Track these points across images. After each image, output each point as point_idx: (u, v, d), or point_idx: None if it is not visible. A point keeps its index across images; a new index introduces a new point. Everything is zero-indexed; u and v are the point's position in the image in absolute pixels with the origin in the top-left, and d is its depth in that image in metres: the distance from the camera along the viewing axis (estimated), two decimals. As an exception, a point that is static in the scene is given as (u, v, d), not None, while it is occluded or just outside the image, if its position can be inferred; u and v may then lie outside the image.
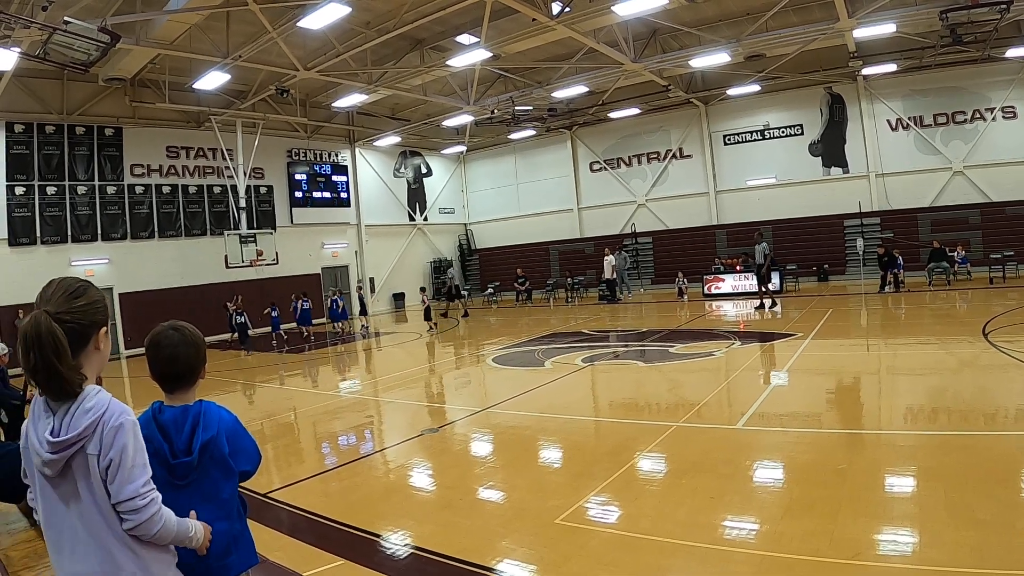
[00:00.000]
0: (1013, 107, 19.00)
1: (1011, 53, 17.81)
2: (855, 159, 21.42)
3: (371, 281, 25.65)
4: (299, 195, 23.48)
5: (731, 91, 21.91)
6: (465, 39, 17.24)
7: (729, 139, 23.64)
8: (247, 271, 19.55)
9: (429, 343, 15.85)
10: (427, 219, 28.67)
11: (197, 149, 20.45)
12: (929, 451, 5.06)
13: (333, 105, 21.40)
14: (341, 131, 24.99)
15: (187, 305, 17.20)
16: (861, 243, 19.40)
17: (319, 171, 24.32)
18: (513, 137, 26.61)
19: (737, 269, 20.04)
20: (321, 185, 24.36)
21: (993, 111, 19.26)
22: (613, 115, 24.48)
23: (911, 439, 5.41)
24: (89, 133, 17.81)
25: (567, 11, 14.22)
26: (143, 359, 2.04)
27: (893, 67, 19.18)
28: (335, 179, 24.92)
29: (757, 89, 21.53)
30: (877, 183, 21.01)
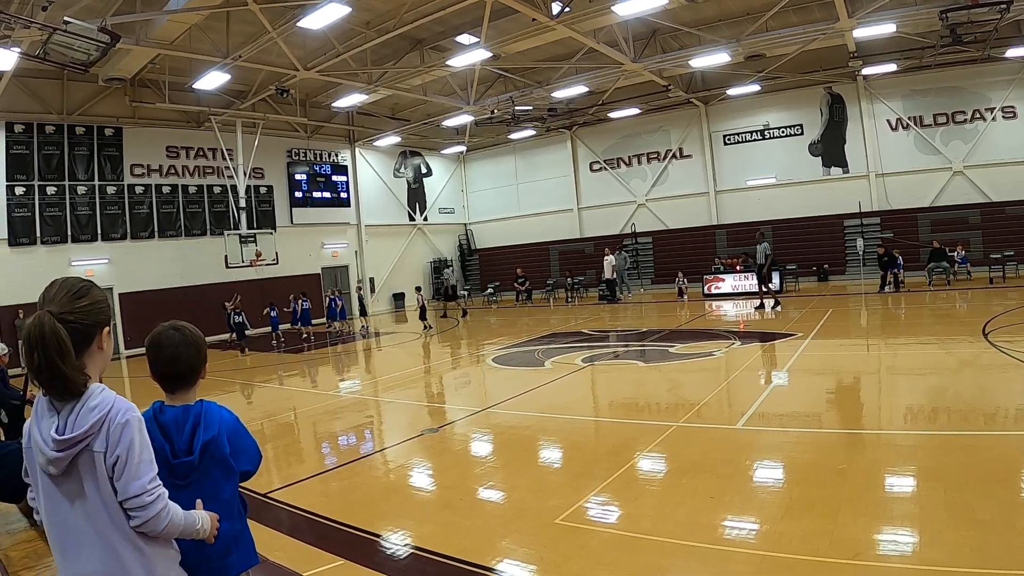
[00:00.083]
0: (1013, 107, 19.00)
1: (1011, 53, 17.81)
2: (855, 159, 21.42)
3: (371, 281, 25.65)
4: (299, 195, 23.49)
5: (731, 91, 21.91)
6: (465, 39, 17.25)
7: (729, 139, 23.64)
8: (247, 271, 19.56)
9: (425, 344, 15.85)
10: (427, 219, 28.67)
11: (197, 149, 20.45)
12: (929, 451, 5.07)
13: (333, 105, 21.40)
14: (341, 131, 24.99)
15: (187, 305, 17.21)
16: (861, 243, 19.40)
17: (319, 171, 24.33)
18: (513, 137, 26.61)
19: (737, 269, 20.03)
20: (321, 185, 24.36)
21: (993, 111, 19.26)
22: (613, 115, 24.48)
23: (911, 439, 5.41)
24: (89, 133, 17.81)
25: (567, 11, 14.22)
26: (143, 359, 2.04)
27: (893, 67, 19.18)
28: (335, 179, 24.92)
29: (757, 89, 21.53)
30: (877, 183, 21.01)
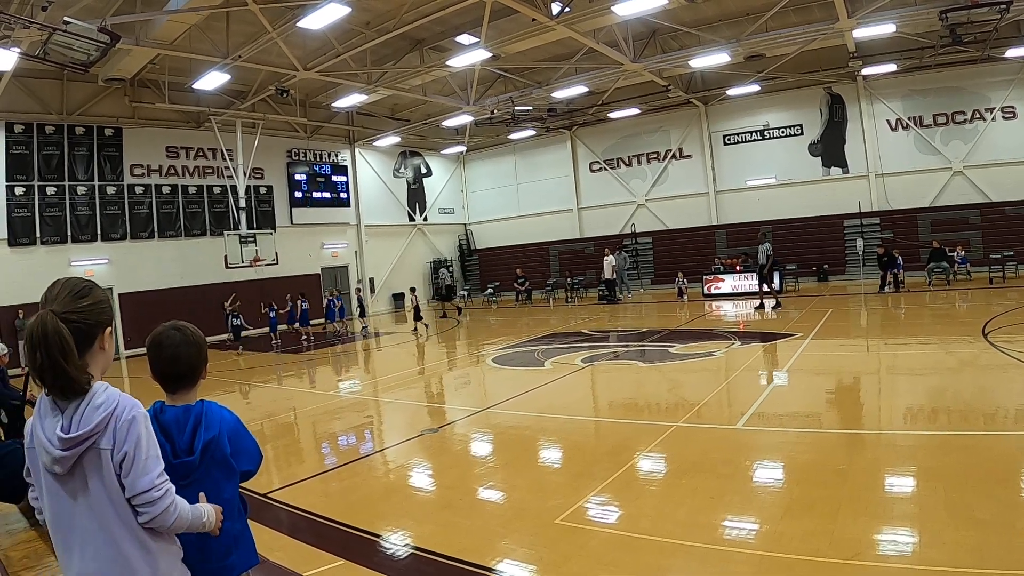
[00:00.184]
0: (1013, 107, 19.01)
1: (1011, 53, 17.82)
2: (855, 159, 21.43)
3: (371, 281, 25.66)
4: (299, 195, 23.48)
5: (731, 91, 21.91)
6: (465, 39, 17.25)
7: (729, 139, 23.64)
8: (247, 271, 19.55)
9: (425, 344, 15.85)
10: (427, 219, 28.67)
11: (197, 149, 20.45)
12: (929, 451, 5.07)
13: (333, 105, 21.39)
14: (341, 131, 24.99)
15: (187, 305, 17.19)
16: (861, 243, 19.41)
17: (319, 171, 24.32)
18: (513, 137, 26.61)
19: (737, 269, 20.04)
20: (321, 185, 24.35)
21: (993, 111, 19.26)
22: (613, 115, 24.48)
23: (911, 439, 5.41)
24: (89, 133, 17.80)
25: (567, 11, 14.22)
26: (143, 359, 2.04)
27: (893, 67, 19.18)
28: (335, 179, 24.92)
29: (757, 89, 21.52)
30: (877, 183, 21.01)
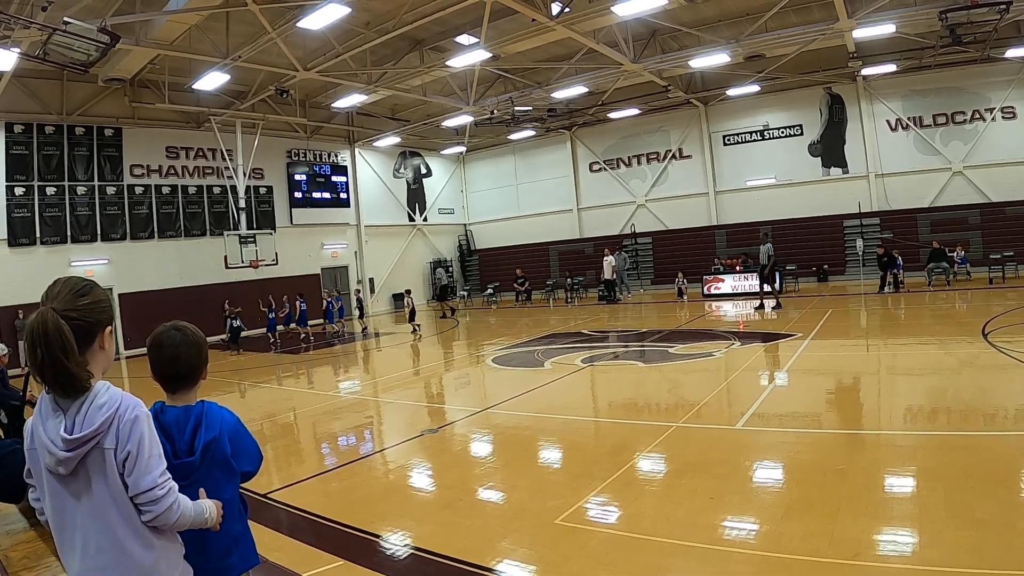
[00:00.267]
0: (1013, 107, 19.00)
1: (1011, 53, 17.81)
2: (855, 159, 21.43)
3: (371, 282, 25.66)
4: (299, 195, 23.48)
5: (731, 91, 21.91)
6: (465, 39, 17.25)
7: (729, 139, 23.64)
8: (247, 271, 19.55)
9: (426, 344, 15.85)
10: (427, 219, 28.67)
11: (197, 149, 20.45)
12: (929, 451, 5.07)
13: (333, 105, 21.39)
14: (341, 131, 24.99)
15: (187, 305, 17.21)
16: (861, 243, 19.41)
17: (319, 171, 24.32)
18: (513, 137, 26.60)
19: (737, 269, 20.04)
20: (321, 185, 24.34)
21: (993, 111, 19.26)
22: (613, 115, 24.47)
23: (911, 439, 5.41)
24: (89, 133, 17.80)
25: (567, 11, 14.23)
26: (143, 359, 2.04)
27: (893, 67, 19.18)
28: (335, 179, 24.91)
29: (757, 89, 21.53)
30: (877, 183, 21.02)
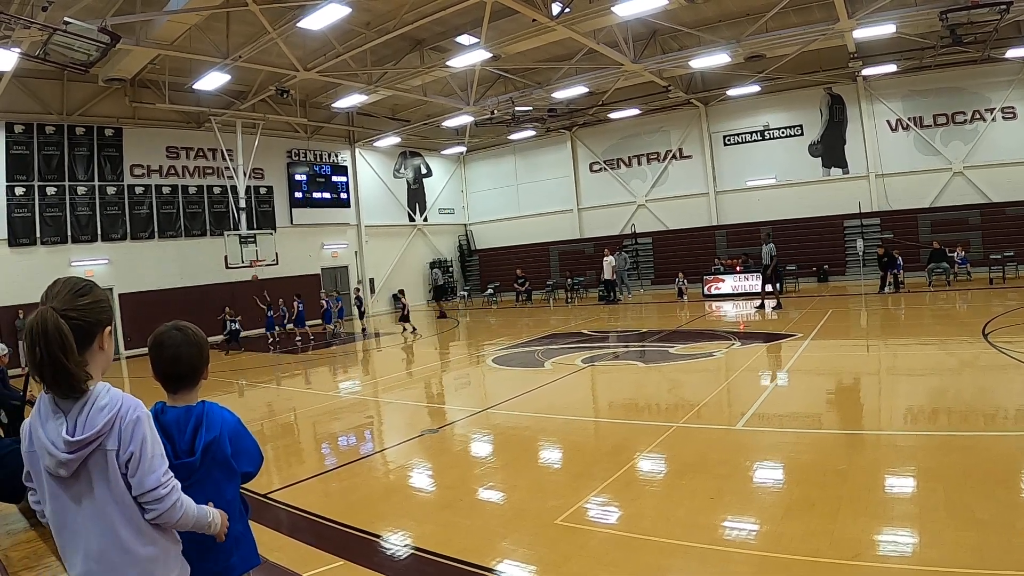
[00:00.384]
0: (1013, 107, 19.00)
1: (1011, 54, 17.81)
2: (855, 160, 21.42)
3: (371, 282, 25.66)
4: (299, 195, 23.49)
5: (731, 92, 21.91)
6: (465, 40, 17.26)
7: (729, 139, 23.64)
8: (247, 271, 19.55)
9: (426, 345, 15.85)
10: (427, 219, 28.68)
11: (197, 150, 20.45)
12: (929, 451, 5.07)
13: (333, 106, 21.40)
14: (341, 131, 25.00)
15: (188, 306, 17.20)
16: (861, 244, 19.41)
17: (319, 171, 24.33)
18: (513, 138, 26.61)
19: (737, 270, 20.04)
20: (321, 186, 24.36)
21: (993, 111, 19.26)
22: (613, 116, 24.48)
23: (911, 439, 5.41)
24: (89, 133, 17.81)
25: (567, 12, 14.23)
26: (144, 359, 2.05)
27: (893, 68, 19.18)
28: (335, 179, 24.93)
29: (757, 90, 21.53)
30: (877, 183, 21.01)
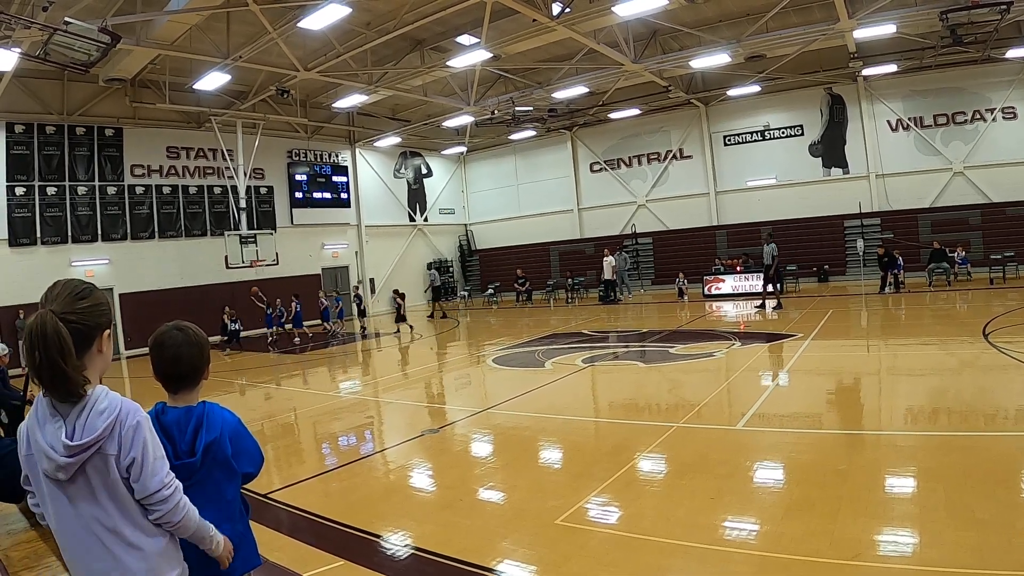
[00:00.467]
0: (1013, 108, 18.99)
1: (1011, 54, 17.80)
2: (855, 160, 21.42)
3: (371, 282, 25.66)
4: (299, 195, 23.49)
5: (731, 92, 21.91)
6: (465, 40, 17.26)
7: (729, 140, 23.63)
8: (247, 272, 19.56)
9: (426, 345, 15.85)
10: (427, 220, 28.68)
11: (197, 150, 20.45)
12: (929, 452, 5.07)
13: (333, 106, 21.40)
14: (341, 132, 25.00)
15: (188, 306, 17.19)
16: (861, 244, 19.40)
17: (319, 172, 24.33)
18: (513, 138, 26.60)
19: (738, 270, 20.03)
20: (321, 186, 24.36)
21: (993, 112, 19.25)
22: (613, 116, 24.47)
23: (911, 440, 5.41)
24: (89, 133, 17.81)
25: (567, 12, 14.23)
26: (144, 360, 2.05)
27: (893, 68, 19.17)
28: (335, 180, 24.93)
29: (757, 90, 21.52)
30: (877, 184, 21.01)
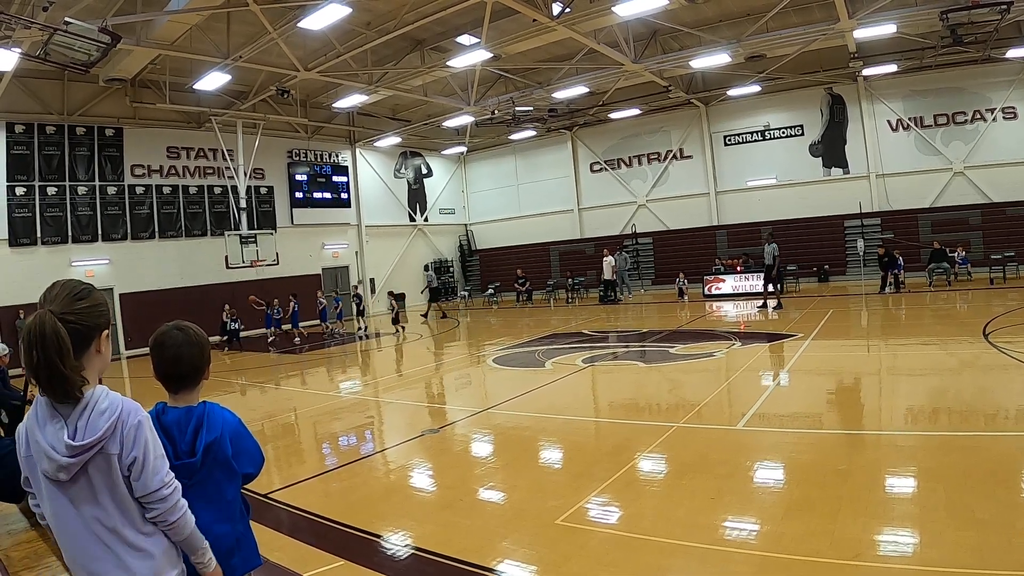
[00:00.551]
0: (1013, 107, 18.99)
1: (1011, 54, 17.80)
2: (855, 160, 21.41)
3: (371, 282, 25.66)
4: (299, 195, 23.50)
5: (731, 92, 21.90)
6: (465, 40, 17.27)
7: (729, 140, 23.63)
8: (247, 271, 19.56)
9: (426, 345, 15.85)
10: (427, 220, 28.68)
11: (197, 150, 20.46)
12: (929, 451, 5.07)
13: (334, 106, 21.40)
14: (341, 132, 25.00)
15: (188, 306, 17.14)
16: (862, 244, 19.40)
17: (320, 172, 24.34)
18: (514, 138, 26.60)
19: (738, 270, 20.03)
20: (322, 186, 24.37)
21: (993, 111, 19.24)
22: (613, 116, 24.47)
23: (911, 439, 5.41)
24: (89, 133, 17.82)
25: (567, 12, 14.23)
26: (144, 360, 2.05)
27: (893, 68, 19.17)
28: (336, 180, 24.93)
29: (757, 90, 21.52)
30: (877, 184, 21.00)
